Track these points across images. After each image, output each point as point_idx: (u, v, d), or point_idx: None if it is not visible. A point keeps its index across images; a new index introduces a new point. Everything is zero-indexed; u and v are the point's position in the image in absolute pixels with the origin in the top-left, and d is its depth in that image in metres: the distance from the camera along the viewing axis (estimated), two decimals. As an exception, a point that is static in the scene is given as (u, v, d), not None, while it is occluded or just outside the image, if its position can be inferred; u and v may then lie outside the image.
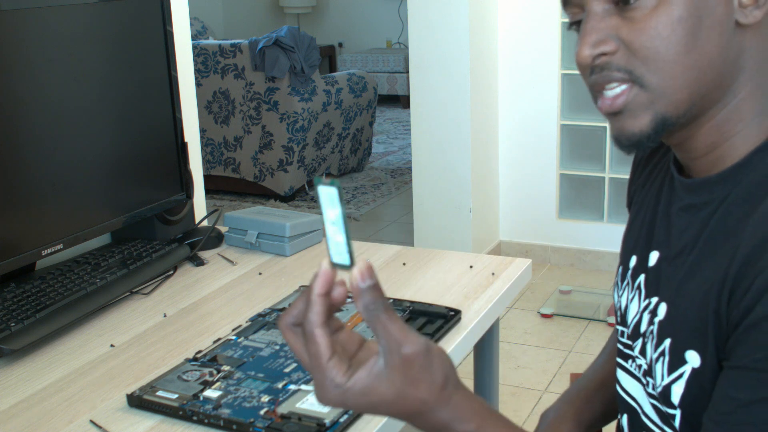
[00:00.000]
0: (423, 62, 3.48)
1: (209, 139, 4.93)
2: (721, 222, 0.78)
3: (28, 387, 1.11)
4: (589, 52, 0.77)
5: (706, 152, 0.81)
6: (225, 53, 4.76)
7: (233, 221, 1.61)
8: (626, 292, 0.94)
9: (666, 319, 0.83)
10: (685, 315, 0.80)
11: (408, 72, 5.90)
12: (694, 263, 0.80)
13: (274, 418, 0.96)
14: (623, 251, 0.97)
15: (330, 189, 0.65)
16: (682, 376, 0.80)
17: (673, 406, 0.82)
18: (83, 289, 1.31)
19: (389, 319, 0.68)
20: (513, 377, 2.79)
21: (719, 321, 0.75)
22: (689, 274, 0.81)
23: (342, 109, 5.04)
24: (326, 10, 8.52)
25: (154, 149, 1.54)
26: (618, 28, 0.76)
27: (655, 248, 0.89)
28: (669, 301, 0.83)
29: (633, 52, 0.76)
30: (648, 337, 0.86)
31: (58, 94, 1.34)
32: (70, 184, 1.37)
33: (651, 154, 0.97)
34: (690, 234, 0.82)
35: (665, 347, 0.82)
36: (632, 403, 0.94)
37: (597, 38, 0.77)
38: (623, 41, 0.76)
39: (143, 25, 1.49)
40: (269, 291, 1.39)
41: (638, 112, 0.78)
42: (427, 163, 3.58)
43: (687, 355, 0.79)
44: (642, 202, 0.95)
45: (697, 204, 0.82)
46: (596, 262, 3.69)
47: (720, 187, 0.80)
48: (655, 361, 0.84)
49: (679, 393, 0.81)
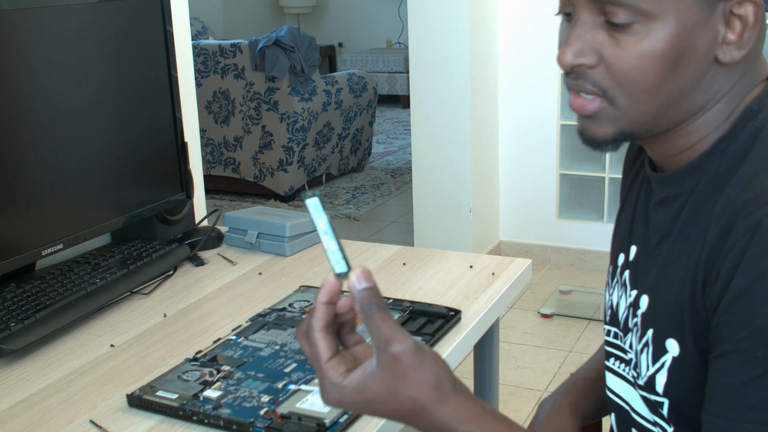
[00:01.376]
0: (423, 62, 3.48)
1: (209, 139, 4.93)
2: (692, 210, 0.81)
3: (28, 387, 1.11)
4: (570, 60, 0.79)
5: (677, 153, 0.84)
6: (225, 53, 4.76)
7: (233, 221, 1.61)
8: (616, 290, 0.95)
9: (648, 311, 0.85)
10: (664, 304, 0.82)
11: (408, 72, 5.90)
12: (669, 253, 0.83)
13: (274, 418, 0.96)
14: (612, 250, 0.99)
15: (312, 199, 0.69)
16: (664, 365, 0.82)
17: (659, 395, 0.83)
18: (83, 289, 1.31)
19: (381, 319, 0.70)
20: (513, 377, 2.79)
21: (695, 307, 0.76)
22: (665, 264, 0.83)
23: (342, 109, 5.04)
24: (326, 10, 8.52)
25: (154, 149, 1.54)
26: (602, 45, 0.78)
27: (634, 243, 0.91)
28: (649, 293, 0.85)
29: (611, 73, 0.78)
30: (632, 329, 0.88)
31: (58, 94, 1.34)
32: (70, 184, 1.37)
33: (636, 156, 0.99)
34: (664, 225, 0.85)
35: (648, 338, 0.84)
36: (620, 402, 0.95)
37: (580, 48, 0.79)
38: (604, 60, 0.78)
39: (143, 25, 1.49)
40: (269, 291, 1.39)
41: (603, 122, 0.81)
42: (427, 163, 3.58)
43: (667, 343, 0.81)
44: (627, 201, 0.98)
45: (670, 196, 0.85)
46: (596, 262, 3.69)
47: (690, 177, 0.82)
48: (640, 352, 0.86)
49: (662, 382, 0.82)
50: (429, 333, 1.18)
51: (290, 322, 1.22)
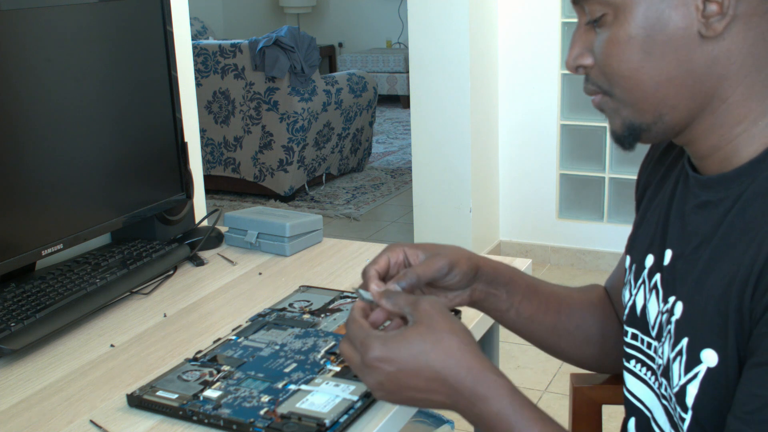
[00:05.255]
0: (423, 62, 3.48)
1: (209, 139, 4.93)
2: (738, 217, 0.78)
3: (28, 387, 1.11)
4: (572, 63, 0.86)
5: (710, 153, 0.82)
6: (225, 53, 4.76)
7: (233, 221, 1.61)
8: (642, 291, 0.93)
9: (683, 318, 0.82)
10: (702, 312, 0.79)
11: (408, 72, 5.90)
12: (710, 259, 0.80)
13: (274, 418, 0.96)
14: (637, 250, 0.96)
15: None
16: (697, 376, 0.79)
17: (686, 409, 0.81)
18: (83, 289, 1.31)
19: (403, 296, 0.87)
20: (513, 377, 2.77)
21: (741, 317, 0.75)
22: (705, 271, 0.80)
23: (342, 109, 5.04)
24: (326, 10, 8.53)
25: (154, 149, 1.54)
26: (593, 44, 0.83)
27: (669, 246, 0.88)
28: (685, 299, 0.83)
29: (601, 69, 0.83)
30: (665, 337, 0.86)
31: (58, 94, 1.34)
32: (70, 184, 1.37)
33: (665, 153, 0.97)
34: (705, 230, 0.82)
35: (683, 346, 0.82)
36: (641, 407, 0.93)
37: (578, 51, 0.85)
38: (596, 57, 0.83)
39: (143, 25, 1.49)
40: (269, 291, 1.39)
41: (611, 115, 0.86)
42: (427, 163, 3.58)
43: (702, 354, 0.79)
44: (656, 200, 0.95)
45: (713, 201, 0.82)
46: (596, 262, 3.69)
47: (736, 183, 0.80)
48: (672, 360, 0.83)
49: (693, 393, 0.80)
50: (429, 333, 1.17)
51: (290, 322, 1.22)
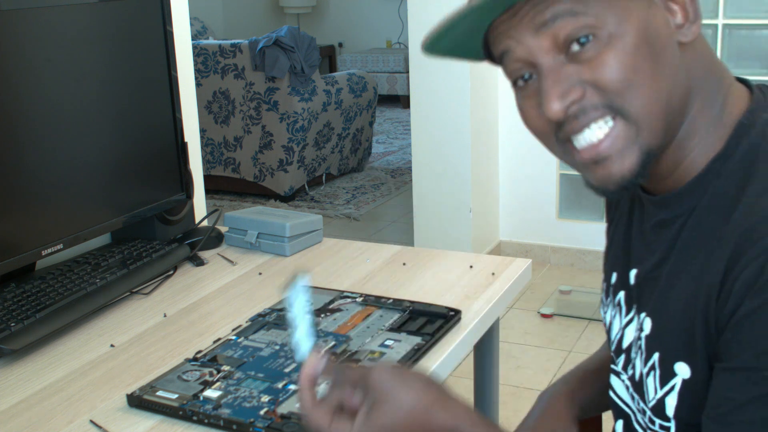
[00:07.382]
0: (423, 62, 3.48)
1: (209, 139, 4.93)
2: (693, 231, 0.80)
3: (28, 387, 1.11)
4: (560, 106, 0.75)
5: (671, 172, 0.82)
6: (225, 53, 4.76)
7: (233, 221, 1.61)
8: (609, 309, 0.95)
9: (652, 334, 0.84)
10: (669, 327, 0.81)
11: (408, 72, 5.90)
12: (670, 275, 0.82)
13: (274, 418, 0.96)
14: (605, 268, 0.99)
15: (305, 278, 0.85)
16: (674, 388, 0.81)
17: (668, 419, 0.83)
18: (83, 289, 1.31)
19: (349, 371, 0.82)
20: (513, 377, 2.79)
21: (708, 329, 0.76)
22: (667, 286, 0.82)
23: (342, 109, 5.04)
24: (326, 10, 8.52)
25: (154, 149, 1.54)
26: (579, 74, 0.75)
27: (634, 266, 0.90)
28: (652, 315, 0.84)
29: (603, 88, 0.74)
30: (636, 353, 0.87)
31: (58, 94, 1.34)
32: (70, 184, 1.37)
33: None
34: (663, 247, 0.83)
35: (655, 361, 0.83)
36: (626, 409, 0.94)
37: (563, 90, 0.75)
38: (588, 83, 0.75)
39: (143, 25, 1.49)
40: (269, 291, 1.39)
41: (625, 151, 0.76)
42: (427, 163, 3.58)
43: (676, 367, 0.80)
44: (617, 221, 0.97)
45: (668, 219, 0.83)
46: (596, 262, 3.69)
47: (687, 199, 0.81)
48: (646, 375, 0.85)
49: (673, 405, 0.82)
50: (429, 333, 1.17)
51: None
